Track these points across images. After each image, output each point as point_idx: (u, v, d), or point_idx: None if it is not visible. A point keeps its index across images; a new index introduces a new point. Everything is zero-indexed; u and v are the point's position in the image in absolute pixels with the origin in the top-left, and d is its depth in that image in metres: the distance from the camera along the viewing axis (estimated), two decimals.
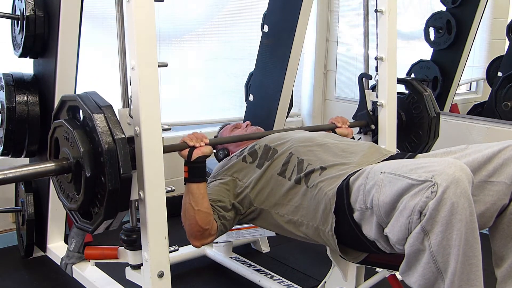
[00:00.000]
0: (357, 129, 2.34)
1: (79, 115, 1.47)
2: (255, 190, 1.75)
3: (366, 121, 2.29)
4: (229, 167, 1.86)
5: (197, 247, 1.75)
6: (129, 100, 1.49)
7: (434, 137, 2.32)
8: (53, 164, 1.46)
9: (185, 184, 1.68)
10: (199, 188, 1.66)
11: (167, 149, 1.57)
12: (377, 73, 2.23)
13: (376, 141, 2.26)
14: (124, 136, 1.37)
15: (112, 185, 1.34)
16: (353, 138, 2.17)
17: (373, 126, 2.27)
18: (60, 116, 1.51)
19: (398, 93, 2.28)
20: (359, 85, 2.34)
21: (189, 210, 1.66)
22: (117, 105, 1.55)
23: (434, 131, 2.31)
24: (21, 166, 1.42)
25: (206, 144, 1.69)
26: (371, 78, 2.31)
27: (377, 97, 2.24)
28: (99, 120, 1.35)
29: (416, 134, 2.35)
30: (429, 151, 2.33)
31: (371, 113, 2.29)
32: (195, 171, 1.67)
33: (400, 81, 2.31)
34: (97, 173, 1.37)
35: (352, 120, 2.31)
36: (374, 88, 2.29)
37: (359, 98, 2.35)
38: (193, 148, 1.67)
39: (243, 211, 1.76)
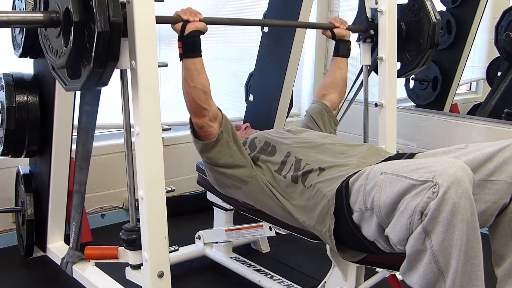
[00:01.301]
0: (356, 39, 2.31)
1: None
2: (259, 161, 1.78)
3: (365, 26, 2.26)
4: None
5: (196, 124, 1.73)
6: None
7: (434, 45, 2.27)
8: (42, 15, 1.42)
9: (180, 60, 1.66)
10: (194, 63, 1.65)
11: (160, 20, 1.53)
12: None
13: (376, 54, 2.23)
14: None
15: (101, 28, 1.29)
16: (349, 42, 2.17)
17: (372, 32, 2.24)
18: None
19: (398, 4, 2.24)
20: None
21: (185, 86, 1.66)
22: (116, 103, 1.55)
23: (435, 38, 2.25)
24: (11, 12, 1.37)
25: (200, 20, 1.66)
26: None
27: (376, 3, 2.21)
28: None
29: (416, 42, 2.30)
30: (428, 62, 2.32)
31: (370, 19, 2.26)
32: (190, 45, 1.65)
33: None
34: (86, 19, 1.32)
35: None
36: None
37: (358, 4, 2.32)
38: (187, 22, 1.64)
39: (241, 164, 1.75)
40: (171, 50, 3.26)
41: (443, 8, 3.58)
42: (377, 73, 2.29)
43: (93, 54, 1.31)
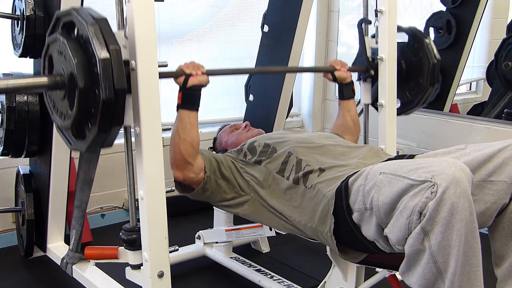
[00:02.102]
0: (356, 77, 2.31)
1: (74, 32, 1.42)
2: (253, 183, 1.75)
3: (365, 66, 2.26)
4: (234, 152, 1.88)
5: (177, 178, 1.72)
6: (124, 20, 1.45)
7: (434, 84, 2.27)
8: (46, 78, 1.42)
9: (177, 110, 1.66)
10: (189, 116, 1.64)
11: (163, 75, 1.54)
12: (376, 18, 2.21)
13: (376, 93, 2.23)
14: (119, 47, 1.33)
15: (106, 95, 1.29)
16: (352, 83, 2.17)
17: (372, 72, 2.24)
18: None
19: (398, 42, 2.25)
20: (359, 31, 2.30)
21: (175, 137, 1.66)
22: None
23: (435, 78, 2.26)
24: (15, 77, 1.39)
25: (203, 73, 1.67)
26: (370, 23, 2.27)
27: (376, 43, 2.22)
28: (93, 30, 1.30)
29: (416, 81, 2.30)
30: (428, 100, 2.32)
31: (370, 59, 2.26)
32: (189, 98, 1.65)
33: (400, 29, 2.28)
34: (91, 85, 1.33)
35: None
36: (374, 35, 2.26)
37: (358, 44, 2.32)
38: (189, 75, 1.65)
39: (234, 194, 1.75)
40: (171, 50, 3.27)
41: (443, 8, 3.58)
42: (377, 109, 2.29)
43: (98, 120, 1.33)
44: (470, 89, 4.06)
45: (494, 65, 3.26)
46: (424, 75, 2.25)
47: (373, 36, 2.27)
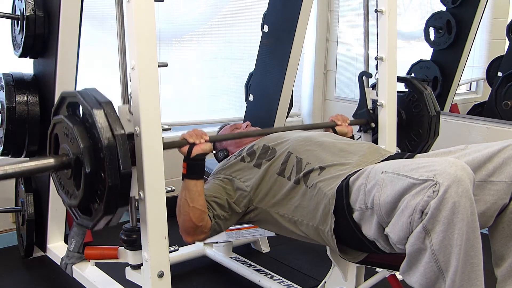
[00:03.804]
0: (357, 128, 2.33)
1: (79, 111, 1.46)
2: (254, 189, 1.75)
3: (366, 119, 2.28)
4: (228, 167, 1.86)
5: (188, 242, 1.75)
6: (129, 96, 1.48)
7: (434, 135, 2.31)
8: (53, 160, 1.44)
9: (182, 180, 1.67)
10: (196, 185, 1.65)
11: (167, 146, 1.56)
12: (377, 71, 2.23)
13: (376, 140, 2.25)
14: (124, 132, 1.36)
15: (112, 181, 1.33)
16: (353, 136, 2.17)
17: (373, 125, 2.27)
18: (60, 112, 1.51)
19: (398, 91, 2.27)
20: (359, 83, 2.33)
21: (184, 206, 1.65)
22: (117, 103, 1.55)
23: (434, 130, 2.29)
24: (21, 161, 1.41)
25: (206, 141, 1.68)
26: (371, 76, 2.30)
27: (377, 95, 2.24)
28: (98, 116, 1.34)
29: (416, 133, 2.34)
30: (428, 150, 2.33)
31: (371, 111, 2.29)
32: (194, 168, 1.66)
33: (400, 79, 2.31)
34: (97, 169, 1.36)
35: (352, 119, 2.30)
36: (374, 86, 2.29)
37: (359, 97, 2.35)
38: (193, 145, 1.66)
39: (239, 211, 1.75)
40: (171, 50, 3.27)
41: (443, 8, 3.58)
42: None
43: (103, 202, 1.36)
44: (470, 89, 4.06)
45: (494, 101, 3.24)
46: (424, 127, 2.29)
47: (373, 88, 2.29)
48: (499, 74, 3.35)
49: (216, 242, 2.47)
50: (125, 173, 1.35)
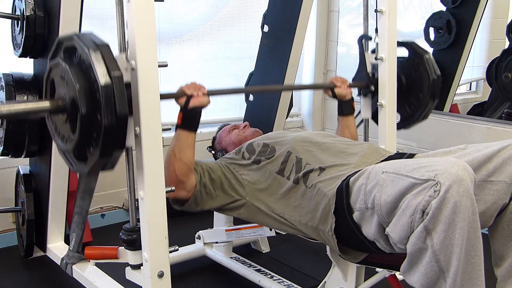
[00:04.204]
0: (356, 92, 2.31)
1: (76, 57, 1.42)
2: (251, 184, 1.75)
3: (365, 82, 2.27)
4: (228, 159, 1.87)
5: (169, 196, 1.72)
6: (126, 43, 1.45)
7: (434, 99, 2.28)
8: (48, 103, 1.43)
9: (175, 130, 1.67)
10: (187, 137, 1.65)
11: (164, 97, 1.54)
12: (376, 34, 2.21)
13: (376, 101, 2.24)
14: (120, 73, 1.34)
15: (108, 121, 1.30)
16: (352, 99, 2.17)
17: (372, 88, 2.25)
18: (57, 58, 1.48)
19: (398, 57, 2.25)
20: (359, 46, 2.31)
21: (171, 156, 1.66)
22: None
23: (434, 93, 2.26)
24: (17, 103, 1.39)
25: (204, 95, 1.67)
26: (370, 39, 2.28)
27: (376, 56, 2.22)
28: (95, 57, 1.31)
29: (416, 97, 2.30)
30: (428, 116, 2.33)
31: (370, 75, 2.27)
32: (189, 119, 1.66)
33: (400, 44, 2.28)
34: (93, 110, 1.33)
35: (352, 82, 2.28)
36: (374, 51, 2.27)
37: (359, 60, 2.32)
38: (190, 97, 1.65)
39: (229, 193, 1.75)
40: (171, 50, 3.27)
41: (443, 8, 3.58)
42: (376, 122, 2.29)
43: (99, 145, 1.33)
44: (470, 89, 4.06)
45: (494, 76, 3.26)
46: (424, 91, 2.26)
47: (373, 52, 2.28)
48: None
49: (216, 242, 2.47)
50: (121, 115, 1.33)
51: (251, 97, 2.83)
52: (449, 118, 3.19)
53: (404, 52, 2.33)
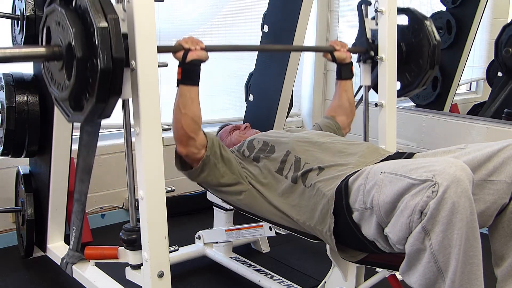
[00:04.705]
0: (356, 59, 2.32)
1: (72, 3, 1.42)
2: (252, 176, 1.77)
3: (365, 48, 2.26)
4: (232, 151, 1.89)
5: (180, 152, 1.73)
6: None
7: (435, 65, 2.26)
8: (44, 49, 1.42)
9: (177, 86, 1.67)
10: (190, 91, 1.65)
11: (161, 50, 1.54)
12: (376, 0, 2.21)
13: (376, 73, 2.22)
14: (117, 16, 1.33)
15: (104, 64, 1.29)
16: (351, 64, 2.18)
17: (372, 53, 2.24)
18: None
19: (398, 25, 2.24)
20: (359, 12, 2.30)
21: (176, 113, 1.66)
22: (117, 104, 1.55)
23: (435, 59, 2.25)
24: (14, 47, 1.38)
25: (202, 49, 1.67)
26: (370, 4, 2.26)
27: (376, 24, 2.21)
28: (91, 0, 1.30)
29: (416, 63, 2.29)
30: (427, 82, 2.32)
31: (370, 41, 2.26)
32: (189, 73, 1.65)
33: (400, 10, 2.27)
34: (89, 54, 1.33)
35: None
36: (374, 17, 2.26)
37: (358, 26, 2.32)
38: (188, 50, 1.65)
39: (232, 181, 1.76)
40: None
41: (443, 8, 3.58)
42: (377, 91, 2.29)
43: (95, 89, 1.32)
44: (470, 89, 4.06)
45: (494, 53, 3.27)
46: (424, 57, 2.24)
47: (373, 18, 2.26)
48: (499, 74, 3.36)
49: (216, 242, 2.47)
50: (118, 58, 1.32)
51: (251, 97, 2.83)
52: (449, 118, 3.19)
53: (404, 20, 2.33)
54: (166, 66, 1.49)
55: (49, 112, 2.21)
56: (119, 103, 1.45)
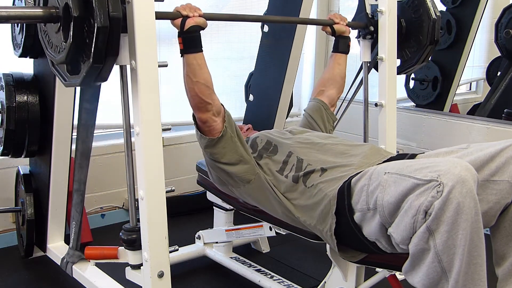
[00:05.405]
0: (355, 34, 2.32)
1: None
2: (259, 167, 1.77)
3: (365, 23, 2.26)
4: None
5: (200, 119, 1.72)
6: None
7: (434, 41, 2.26)
8: (41, 10, 1.42)
9: (181, 56, 1.66)
10: (195, 58, 1.65)
11: (159, 16, 1.53)
12: None
13: (376, 52, 2.23)
14: None
15: (101, 22, 1.29)
16: (349, 38, 2.18)
17: (372, 28, 2.25)
18: None
19: (398, 1, 2.24)
20: None
21: (188, 82, 1.66)
22: (117, 102, 1.55)
23: (435, 35, 2.25)
24: (12, 6, 1.37)
25: (200, 16, 1.66)
26: None
27: (376, 0, 2.22)
28: None
29: (416, 39, 2.29)
30: (427, 59, 2.32)
31: (370, 16, 2.26)
32: (190, 41, 1.65)
33: None
34: (86, 14, 1.33)
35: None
36: None
37: (358, 1, 2.33)
38: (186, 17, 1.64)
39: (245, 162, 1.75)
40: (171, 50, 3.26)
41: (443, 8, 3.57)
42: (377, 70, 2.29)
43: (92, 49, 1.31)
44: (470, 89, 4.06)
45: (494, 36, 3.26)
46: (424, 32, 2.24)
47: None
48: (499, 73, 3.36)
49: (216, 242, 2.47)
50: (115, 16, 1.32)
51: (251, 97, 2.83)
52: (449, 118, 3.19)
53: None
54: (166, 66, 1.49)
55: (49, 112, 2.21)
56: (116, 67, 1.44)
